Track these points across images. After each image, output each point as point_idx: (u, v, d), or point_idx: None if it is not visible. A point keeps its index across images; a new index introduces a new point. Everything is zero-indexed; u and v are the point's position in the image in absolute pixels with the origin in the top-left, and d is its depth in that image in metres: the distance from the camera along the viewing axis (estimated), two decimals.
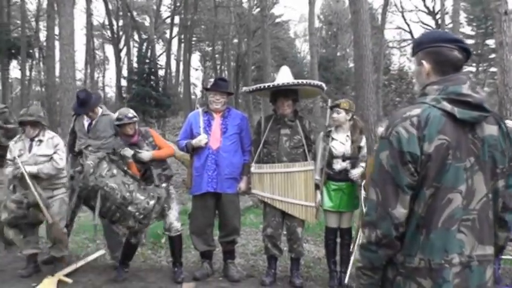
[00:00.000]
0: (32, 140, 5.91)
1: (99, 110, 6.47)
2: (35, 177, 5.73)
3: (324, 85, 5.94)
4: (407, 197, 2.10)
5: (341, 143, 5.74)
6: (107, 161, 5.54)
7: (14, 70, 43.30)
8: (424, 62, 2.26)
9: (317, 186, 5.73)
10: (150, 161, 5.86)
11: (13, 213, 5.74)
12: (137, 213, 5.48)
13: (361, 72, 13.94)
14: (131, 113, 5.91)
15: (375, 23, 33.10)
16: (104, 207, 5.41)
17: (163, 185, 5.94)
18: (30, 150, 5.88)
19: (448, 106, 2.09)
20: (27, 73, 35.28)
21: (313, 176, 5.71)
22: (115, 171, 5.51)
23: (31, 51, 34.23)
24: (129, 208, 5.44)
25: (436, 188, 2.08)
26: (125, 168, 5.64)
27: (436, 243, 2.09)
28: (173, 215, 5.97)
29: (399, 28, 41.12)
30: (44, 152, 5.85)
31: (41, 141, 5.89)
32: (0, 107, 6.39)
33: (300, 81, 5.79)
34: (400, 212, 2.10)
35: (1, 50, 29.74)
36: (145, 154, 5.83)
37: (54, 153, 5.82)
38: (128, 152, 5.78)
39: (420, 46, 2.30)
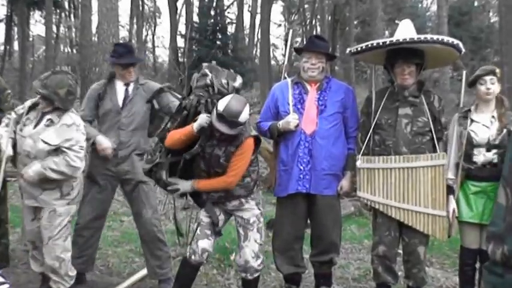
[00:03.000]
0: (44, 114, 5.59)
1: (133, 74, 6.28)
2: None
3: (461, 44, 5.66)
4: None
5: (485, 126, 5.59)
6: None
7: (37, 25, 44.83)
8: None
9: (450, 189, 5.59)
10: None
11: None
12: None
13: (510, 30, 13.63)
14: (246, 113, 5.17)
15: None
16: None
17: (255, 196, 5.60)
18: (36, 125, 5.57)
19: None
20: (54, 29, 36.20)
21: (445, 174, 5.57)
22: None
23: (59, 0, 35.00)
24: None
25: None
26: None
27: None
28: (250, 250, 5.43)
29: None
30: (47, 138, 5.45)
31: (52, 122, 5.52)
32: None
33: (427, 36, 5.68)
34: None
35: None
36: (184, 185, 5.38)
37: (67, 148, 5.41)
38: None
39: None
